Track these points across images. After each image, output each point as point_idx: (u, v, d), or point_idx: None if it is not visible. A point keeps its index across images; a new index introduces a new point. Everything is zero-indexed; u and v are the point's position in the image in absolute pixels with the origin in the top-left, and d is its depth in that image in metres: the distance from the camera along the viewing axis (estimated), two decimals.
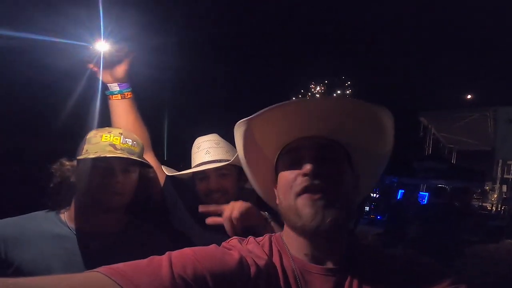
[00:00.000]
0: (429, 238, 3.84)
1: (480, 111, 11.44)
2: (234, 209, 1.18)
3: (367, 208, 8.68)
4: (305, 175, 0.75)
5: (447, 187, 6.51)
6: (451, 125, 12.78)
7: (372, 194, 8.85)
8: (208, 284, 0.66)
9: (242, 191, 1.50)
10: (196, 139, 1.59)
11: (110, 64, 1.54)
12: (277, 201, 0.86)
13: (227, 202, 1.43)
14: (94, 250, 1.18)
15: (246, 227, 1.18)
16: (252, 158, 0.90)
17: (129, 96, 1.57)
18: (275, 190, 0.89)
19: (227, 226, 1.16)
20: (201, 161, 1.48)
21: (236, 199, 1.47)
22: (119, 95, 1.55)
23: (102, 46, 1.48)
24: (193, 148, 1.57)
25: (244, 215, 1.17)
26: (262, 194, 0.98)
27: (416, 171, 10.40)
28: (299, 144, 0.82)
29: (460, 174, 8.95)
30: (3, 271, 1.09)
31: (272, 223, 1.28)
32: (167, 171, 1.54)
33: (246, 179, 0.96)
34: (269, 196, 0.94)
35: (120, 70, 1.55)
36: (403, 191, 8.14)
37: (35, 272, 1.08)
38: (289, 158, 0.82)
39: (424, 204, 7.50)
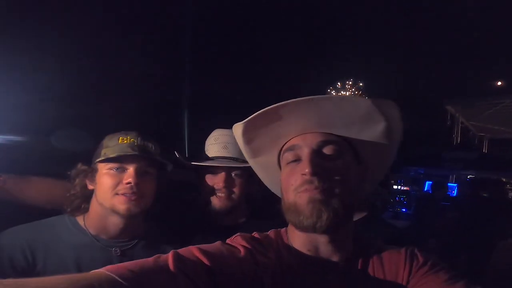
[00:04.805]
0: (459, 232, 3.70)
1: (511, 98, 10.86)
2: None
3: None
4: (303, 173, 0.75)
5: (478, 178, 6.21)
6: (481, 113, 12.19)
7: (397, 187, 8.56)
8: (213, 280, 0.67)
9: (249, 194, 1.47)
10: (214, 131, 1.52)
11: None
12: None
13: (232, 202, 1.41)
14: (115, 257, 1.19)
15: None
16: (256, 154, 0.91)
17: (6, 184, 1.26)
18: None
19: None
20: (218, 155, 1.43)
21: (239, 203, 1.45)
22: None
23: None
24: (209, 139, 1.51)
25: None
26: (274, 191, 0.99)
27: (444, 161, 10.00)
28: (298, 141, 0.81)
29: (491, 164, 8.52)
30: (28, 277, 1.11)
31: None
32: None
33: (253, 184, 0.93)
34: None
35: None
36: (430, 182, 7.84)
37: None
38: (289, 155, 0.82)
39: (454, 196, 7.20)
